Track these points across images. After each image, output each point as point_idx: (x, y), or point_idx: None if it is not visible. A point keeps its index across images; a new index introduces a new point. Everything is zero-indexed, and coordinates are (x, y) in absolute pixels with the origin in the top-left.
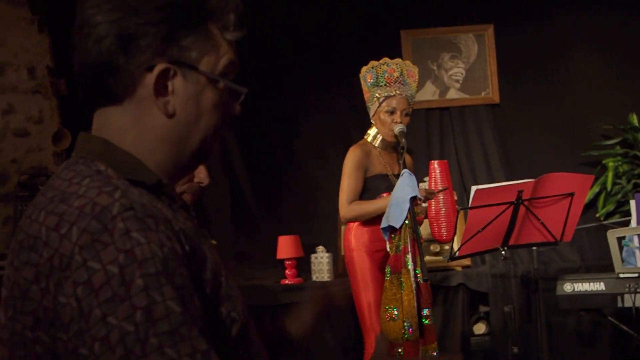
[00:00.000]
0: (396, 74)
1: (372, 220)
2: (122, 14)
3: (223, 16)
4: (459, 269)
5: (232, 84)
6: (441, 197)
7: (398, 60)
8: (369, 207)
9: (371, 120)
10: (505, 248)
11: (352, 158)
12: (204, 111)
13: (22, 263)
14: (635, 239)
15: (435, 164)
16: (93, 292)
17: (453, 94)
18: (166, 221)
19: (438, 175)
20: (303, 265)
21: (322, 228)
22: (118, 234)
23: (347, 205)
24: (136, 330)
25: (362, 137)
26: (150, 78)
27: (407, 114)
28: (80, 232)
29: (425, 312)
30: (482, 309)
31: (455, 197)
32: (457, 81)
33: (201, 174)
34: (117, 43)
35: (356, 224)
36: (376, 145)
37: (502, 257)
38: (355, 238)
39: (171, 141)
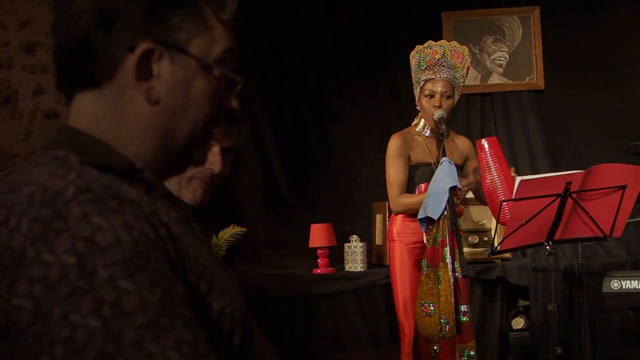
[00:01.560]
0: (438, 56)
1: (416, 213)
2: None
3: None
4: (499, 261)
5: (228, 72)
6: (495, 175)
7: (443, 41)
8: (418, 198)
9: (417, 107)
10: (550, 243)
11: (393, 147)
12: (194, 101)
13: None
14: None
15: (484, 143)
16: (50, 288)
17: (495, 79)
18: (133, 203)
19: (489, 157)
20: (336, 254)
21: (357, 217)
22: (74, 220)
23: (396, 197)
24: (105, 326)
25: (400, 124)
26: (132, 59)
27: (448, 97)
28: (30, 223)
29: (463, 308)
30: (521, 303)
31: (513, 173)
32: (500, 65)
33: (214, 159)
34: (96, 19)
35: (400, 215)
36: (425, 134)
37: (547, 253)
38: (397, 230)
39: (153, 132)
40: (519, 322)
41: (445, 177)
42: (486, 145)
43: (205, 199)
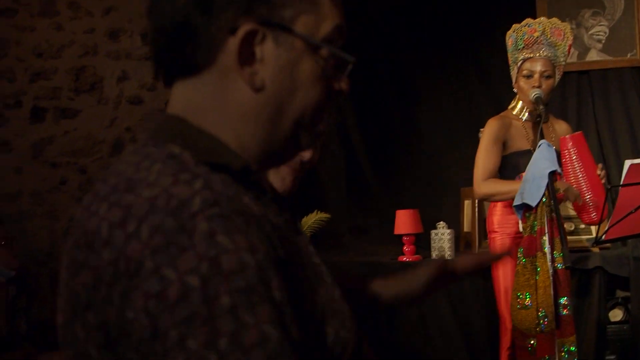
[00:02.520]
0: (537, 34)
1: None
2: None
3: None
4: (597, 250)
5: (338, 51)
6: (579, 174)
7: (542, 19)
8: (505, 187)
9: (514, 89)
10: None
11: (489, 131)
12: (301, 84)
13: (78, 265)
14: None
15: (568, 141)
16: (168, 308)
17: (594, 56)
18: (257, 220)
19: (574, 153)
20: (422, 241)
21: (444, 202)
22: (200, 237)
23: (481, 181)
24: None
25: (490, 107)
26: (234, 42)
27: (548, 77)
28: (151, 231)
29: (563, 301)
30: (620, 294)
31: (599, 171)
32: (599, 41)
33: None
34: (194, 0)
35: (501, 204)
36: (523, 118)
37: None
38: (497, 220)
39: (259, 120)
40: (617, 315)
41: (544, 160)
42: (570, 143)
43: (294, 188)
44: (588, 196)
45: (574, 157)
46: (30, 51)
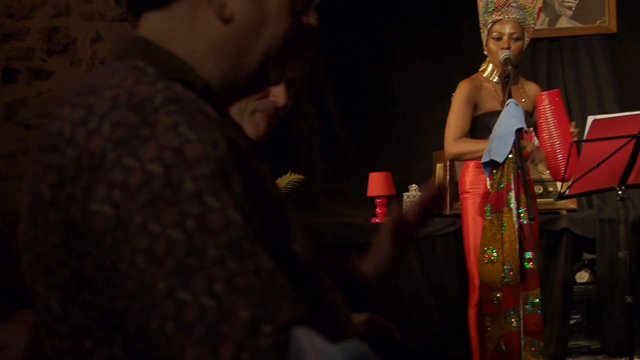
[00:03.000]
0: None
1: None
2: None
3: None
4: (564, 212)
5: None
6: (553, 131)
7: None
8: (475, 146)
9: (484, 52)
10: (623, 187)
11: (460, 92)
12: (269, 17)
13: (43, 168)
14: None
15: (544, 98)
16: (130, 194)
17: (564, 23)
18: (217, 122)
19: (548, 111)
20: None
21: (416, 165)
22: (162, 129)
23: (452, 141)
24: (188, 240)
25: (462, 72)
26: None
27: (517, 39)
28: (113, 126)
29: (529, 255)
30: (586, 256)
31: (573, 129)
32: (570, 8)
33: (277, 91)
34: None
35: (472, 164)
36: (494, 80)
37: (619, 198)
38: (469, 180)
39: (227, 52)
40: (583, 276)
41: (511, 119)
42: (546, 100)
43: (268, 134)
44: (560, 155)
45: (548, 114)
46: (1, 12)
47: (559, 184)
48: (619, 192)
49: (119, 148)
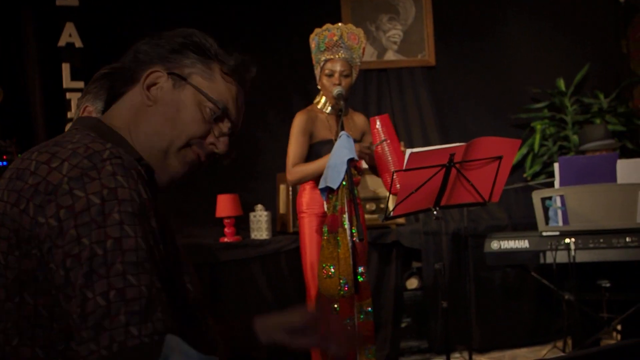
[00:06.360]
0: (335, 38)
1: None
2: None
3: (225, 59)
4: (394, 227)
5: (211, 97)
6: (387, 150)
7: (340, 24)
8: (310, 167)
9: (318, 86)
10: (437, 208)
11: (297, 123)
12: (182, 118)
13: (8, 192)
14: (558, 199)
15: (377, 121)
16: (73, 215)
17: (391, 56)
18: (144, 180)
19: (381, 131)
20: (242, 223)
21: (261, 187)
22: (105, 174)
23: (291, 169)
24: (104, 255)
25: (303, 100)
26: (144, 76)
27: (346, 75)
28: (71, 167)
29: (361, 269)
30: (415, 264)
31: (402, 148)
32: (395, 43)
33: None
34: (136, 60)
35: (308, 187)
36: (327, 111)
37: (434, 217)
38: (306, 202)
39: (146, 130)
40: (412, 283)
41: (343, 149)
42: (378, 123)
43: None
44: (392, 169)
45: (381, 134)
46: None
47: (388, 205)
48: (435, 212)
49: (72, 182)
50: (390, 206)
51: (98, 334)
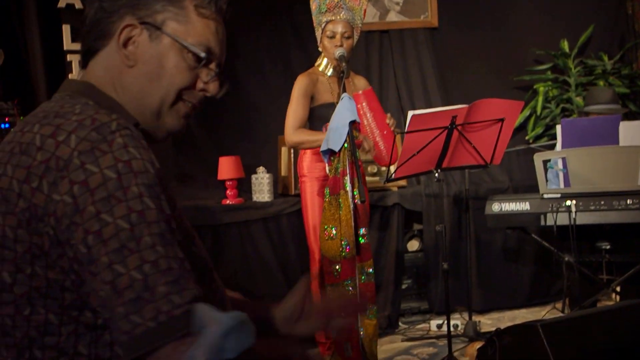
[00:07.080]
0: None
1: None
2: None
3: None
4: (395, 189)
5: (191, 46)
6: (372, 124)
7: None
8: (312, 137)
9: (319, 48)
10: (439, 170)
11: (298, 86)
12: (166, 71)
13: (12, 167)
14: (560, 161)
15: (360, 94)
16: (89, 191)
17: (393, 17)
18: (150, 150)
19: (366, 107)
20: (244, 185)
21: (263, 149)
22: (116, 146)
23: (291, 131)
24: (131, 229)
25: (302, 61)
26: (118, 31)
27: (348, 37)
28: (79, 140)
29: (362, 231)
30: (416, 227)
31: (388, 121)
32: (397, 4)
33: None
34: (102, 8)
35: (309, 151)
36: (328, 73)
37: (436, 179)
38: (307, 166)
39: (133, 93)
40: (413, 245)
41: (345, 111)
42: (362, 99)
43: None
44: (381, 144)
45: (366, 110)
46: None
47: (390, 167)
48: (436, 175)
49: (82, 156)
50: (392, 168)
51: (141, 307)
